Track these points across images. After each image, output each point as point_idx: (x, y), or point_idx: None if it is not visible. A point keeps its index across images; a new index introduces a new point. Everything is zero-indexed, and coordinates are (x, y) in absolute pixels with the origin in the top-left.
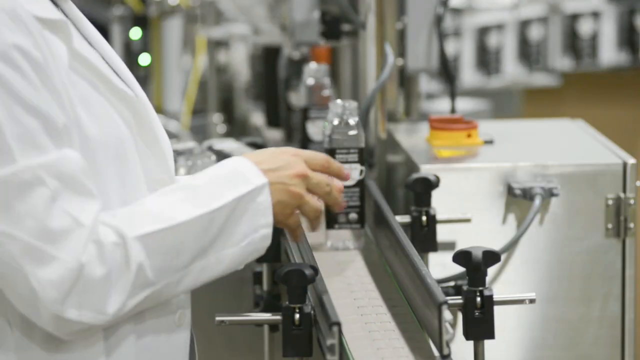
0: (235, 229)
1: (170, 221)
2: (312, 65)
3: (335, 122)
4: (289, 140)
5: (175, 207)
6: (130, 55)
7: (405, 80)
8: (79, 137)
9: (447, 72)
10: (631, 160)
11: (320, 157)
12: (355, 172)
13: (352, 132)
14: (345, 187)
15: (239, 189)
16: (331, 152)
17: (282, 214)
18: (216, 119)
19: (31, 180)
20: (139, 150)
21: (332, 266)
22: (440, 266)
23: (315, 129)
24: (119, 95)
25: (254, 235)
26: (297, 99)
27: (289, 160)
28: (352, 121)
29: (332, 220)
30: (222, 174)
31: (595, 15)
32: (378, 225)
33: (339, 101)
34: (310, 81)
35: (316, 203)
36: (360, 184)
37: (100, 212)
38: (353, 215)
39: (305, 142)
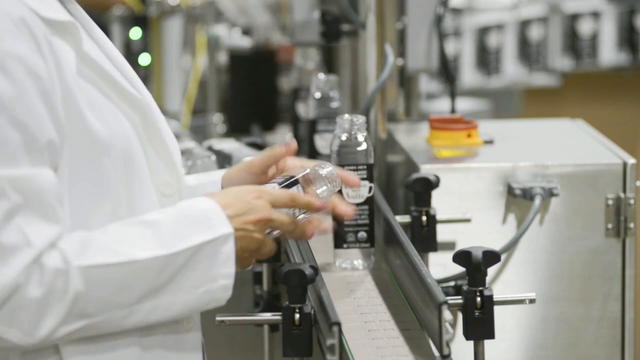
0: (192, 274)
1: (123, 257)
2: (321, 77)
3: (343, 137)
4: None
5: (133, 243)
6: (130, 55)
7: (405, 80)
8: (86, 141)
9: (447, 72)
10: (631, 160)
11: (284, 196)
12: (364, 189)
13: (361, 148)
14: (355, 205)
15: (203, 234)
16: None
17: (240, 257)
18: (216, 119)
19: None
20: (147, 153)
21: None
22: (440, 266)
23: (323, 142)
24: (126, 97)
25: (212, 284)
26: (304, 110)
27: (254, 204)
28: (361, 137)
29: (340, 239)
30: (189, 214)
31: (595, 15)
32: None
33: (346, 116)
34: (318, 94)
35: (272, 246)
36: (370, 201)
37: (60, 236)
38: (362, 234)
39: (313, 155)
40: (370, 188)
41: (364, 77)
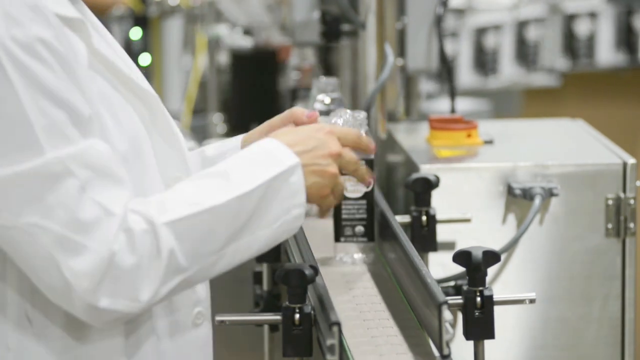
0: (268, 210)
1: (201, 206)
2: (322, 79)
3: None
4: None
5: (205, 192)
6: (130, 55)
7: (405, 80)
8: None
9: (447, 72)
10: (631, 160)
11: (352, 133)
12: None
13: None
14: (352, 199)
15: (270, 170)
16: None
17: (318, 195)
18: (216, 119)
19: (60, 171)
20: (156, 147)
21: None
22: (440, 266)
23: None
24: (136, 92)
25: (286, 216)
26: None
27: (323, 139)
28: (362, 132)
29: (338, 233)
30: (253, 156)
31: (593, 15)
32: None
33: (348, 111)
34: (320, 96)
35: (342, 185)
36: (369, 196)
37: (131, 200)
38: (360, 228)
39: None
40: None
41: (364, 77)
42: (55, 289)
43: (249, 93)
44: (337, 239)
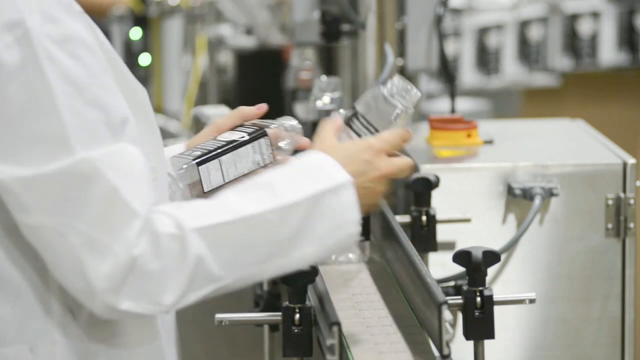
0: (317, 225)
1: (237, 214)
2: (323, 79)
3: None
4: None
5: (245, 201)
6: (130, 55)
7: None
8: None
9: (447, 72)
10: (631, 160)
11: (397, 139)
12: None
13: None
14: None
15: (319, 184)
16: None
17: (367, 210)
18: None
19: (89, 172)
20: (145, 139)
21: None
22: (440, 266)
23: (303, 109)
24: (130, 86)
25: (339, 232)
26: (304, 111)
27: (373, 161)
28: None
29: None
30: (302, 167)
31: (595, 15)
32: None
33: (342, 111)
34: (320, 95)
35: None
36: None
37: (163, 203)
38: None
39: None
40: None
41: (364, 77)
42: (78, 289)
43: (254, 92)
44: None
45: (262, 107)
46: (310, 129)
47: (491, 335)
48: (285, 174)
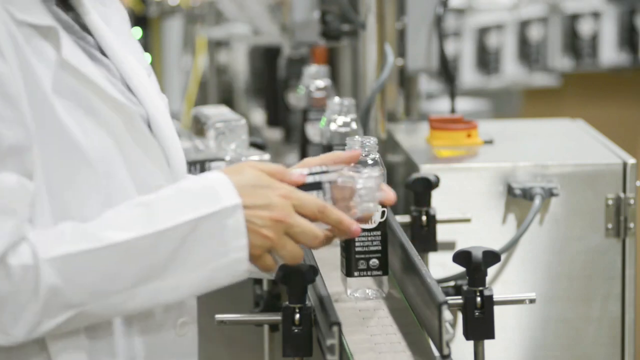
0: (195, 251)
1: (102, 241)
2: (312, 67)
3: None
4: (288, 141)
5: (119, 226)
6: None
7: (405, 80)
8: (65, 148)
9: (447, 72)
10: (631, 160)
11: (313, 205)
12: (376, 214)
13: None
14: (365, 230)
15: (205, 207)
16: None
17: (253, 254)
18: None
19: None
20: (132, 158)
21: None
22: (440, 266)
23: (314, 131)
24: (110, 103)
25: (222, 259)
26: (296, 99)
27: (274, 202)
28: (371, 159)
29: (351, 267)
30: (191, 187)
31: (596, 15)
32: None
33: (357, 138)
34: (310, 83)
35: (295, 249)
36: (382, 227)
37: (16, 231)
38: (374, 262)
39: (304, 143)
40: (384, 212)
41: (364, 77)
42: None
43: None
44: (349, 273)
45: (356, 154)
46: (322, 151)
47: (491, 335)
48: (172, 193)
